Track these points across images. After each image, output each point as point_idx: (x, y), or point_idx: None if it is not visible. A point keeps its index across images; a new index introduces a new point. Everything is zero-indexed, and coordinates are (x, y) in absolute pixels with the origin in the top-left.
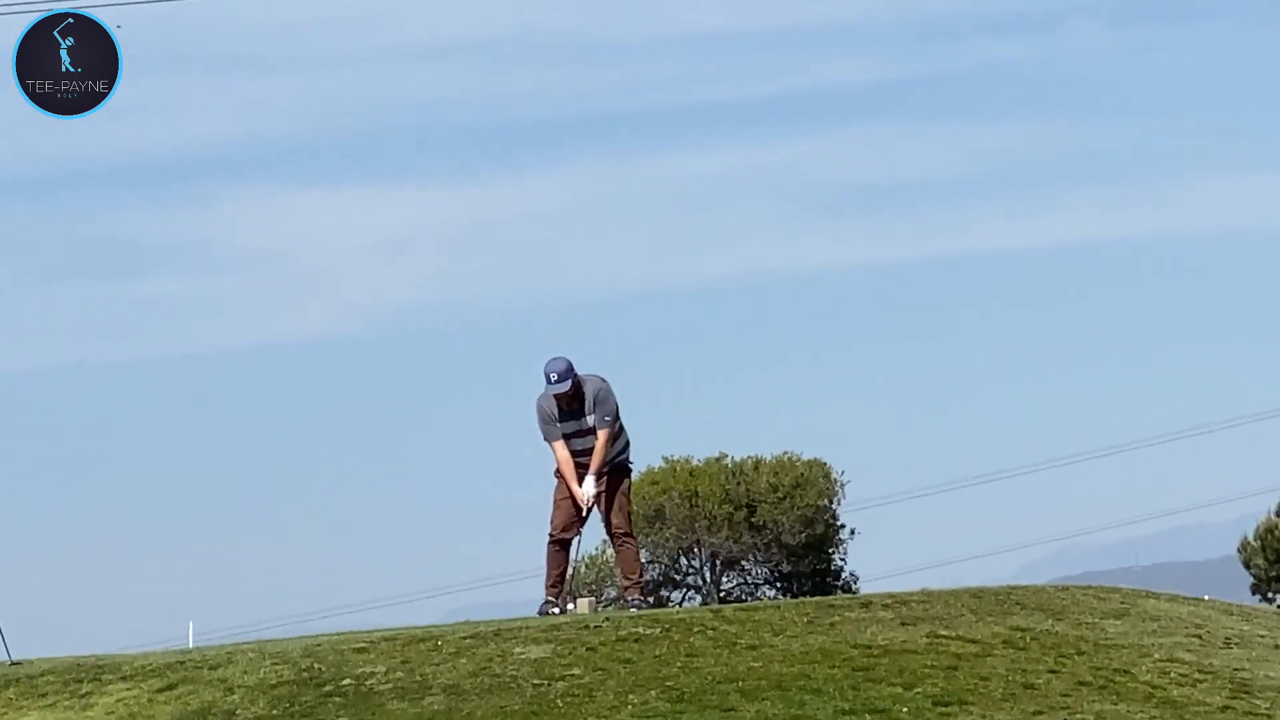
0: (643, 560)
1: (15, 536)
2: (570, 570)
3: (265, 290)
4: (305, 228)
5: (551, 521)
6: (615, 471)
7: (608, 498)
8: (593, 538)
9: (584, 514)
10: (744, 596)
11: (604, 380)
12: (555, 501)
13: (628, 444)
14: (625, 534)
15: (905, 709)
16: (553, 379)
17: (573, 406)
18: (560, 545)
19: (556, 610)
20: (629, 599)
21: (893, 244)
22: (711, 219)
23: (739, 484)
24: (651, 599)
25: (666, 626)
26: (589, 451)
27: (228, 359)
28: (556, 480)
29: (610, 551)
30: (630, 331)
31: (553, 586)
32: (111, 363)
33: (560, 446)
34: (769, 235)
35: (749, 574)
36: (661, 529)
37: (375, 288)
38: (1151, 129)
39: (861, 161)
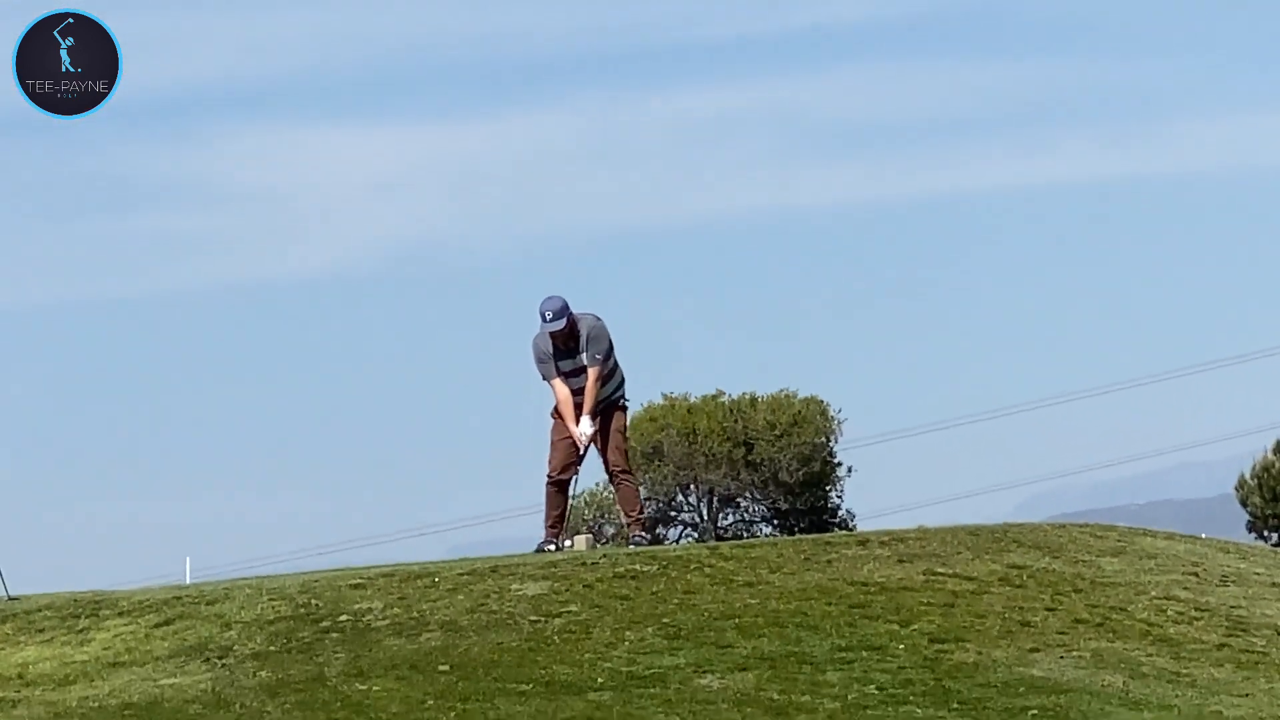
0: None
1: (14, 472)
2: (569, 509)
3: (264, 226)
4: (305, 164)
5: (549, 462)
6: (610, 409)
7: (603, 436)
8: (591, 476)
9: (581, 453)
10: (741, 533)
11: (598, 319)
12: (553, 442)
13: (622, 381)
14: (623, 471)
15: (902, 646)
16: (548, 317)
17: (568, 345)
18: (559, 486)
19: (553, 548)
20: (631, 535)
21: (890, 182)
22: (710, 157)
23: (737, 422)
24: (649, 535)
25: (664, 563)
26: (584, 390)
27: (226, 295)
28: (553, 420)
29: (607, 490)
30: (629, 269)
31: (552, 527)
32: (110, 299)
33: (559, 385)
34: (768, 173)
35: (746, 511)
36: (660, 466)
37: (374, 224)
38: (1150, 68)
39: (860, 100)
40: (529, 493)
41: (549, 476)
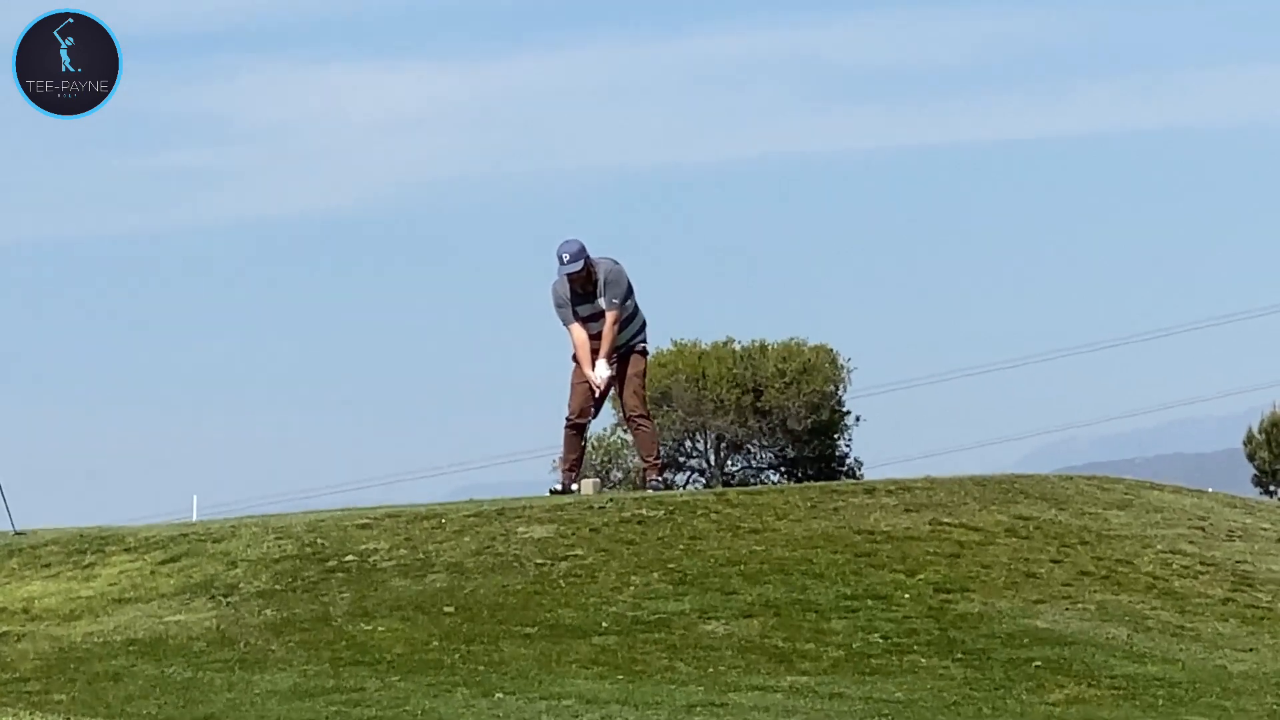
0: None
1: (23, 405)
2: (584, 453)
3: (279, 164)
4: (321, 102)
5: (568, 405)
6: (629, 353)
7: (621, 380)
8: (599, 420)
9: (599, 397)
10: (748, 480)
11: (616, 262)
12: (572, 385)
13: (643, 326)
14: (641, 415)
15: (907, 595)
16: (565, 259)
17: (586, 289)
18: (576, 429)
19: (559, 488)
20: (648, 479)
21: (908, 131)
22: (729, 101)
23: (746, 368)
24: (665, 480)
25: (670, 509)
26: (602, 334)
27: (239, 232)
28: (574, 364)
29: (615, 435)
30: (645, 212)
31: (568, 470)
32: (123, 234)
33: (577, 329)
34: (785, 119)
35: (754, 458)
36: (669, 411)
37: (391, 163)
38: (1165, 21)
39: (879, 47)
40: (535, 435)
41: (567, 420)
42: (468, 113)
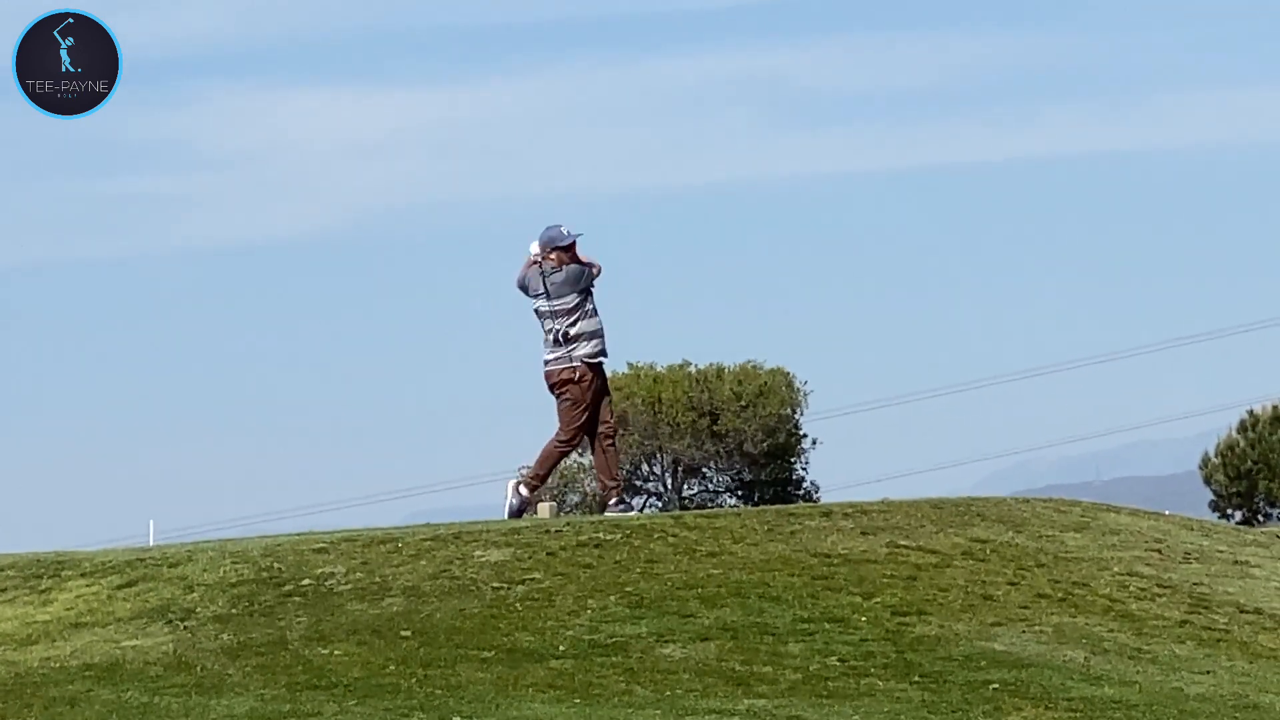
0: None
1: None
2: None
3: (245, 189)
4: (288, 127)
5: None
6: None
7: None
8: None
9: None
10: (705, 504)
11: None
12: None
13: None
14: (615, 433)
15: (864, 618)
16: (565, 233)
17: (555, 270)
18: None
19: (515, 502)
20: (610, 502)
21: (868, 155)
22: (693, 126)
23: (702, 392)
24: (629, 503)
25: (627, 532)
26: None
27: (199, 258)
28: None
29: (573, 458)
30: (603, 236)
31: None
32: (82, 259)
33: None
34: (748, 143)
35: (710, 481)
36: (624, 435)
37: (356, 188)
38: (1129, 43)
39: (841, 72)
40: (492, 460)
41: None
42: (431, 138)
